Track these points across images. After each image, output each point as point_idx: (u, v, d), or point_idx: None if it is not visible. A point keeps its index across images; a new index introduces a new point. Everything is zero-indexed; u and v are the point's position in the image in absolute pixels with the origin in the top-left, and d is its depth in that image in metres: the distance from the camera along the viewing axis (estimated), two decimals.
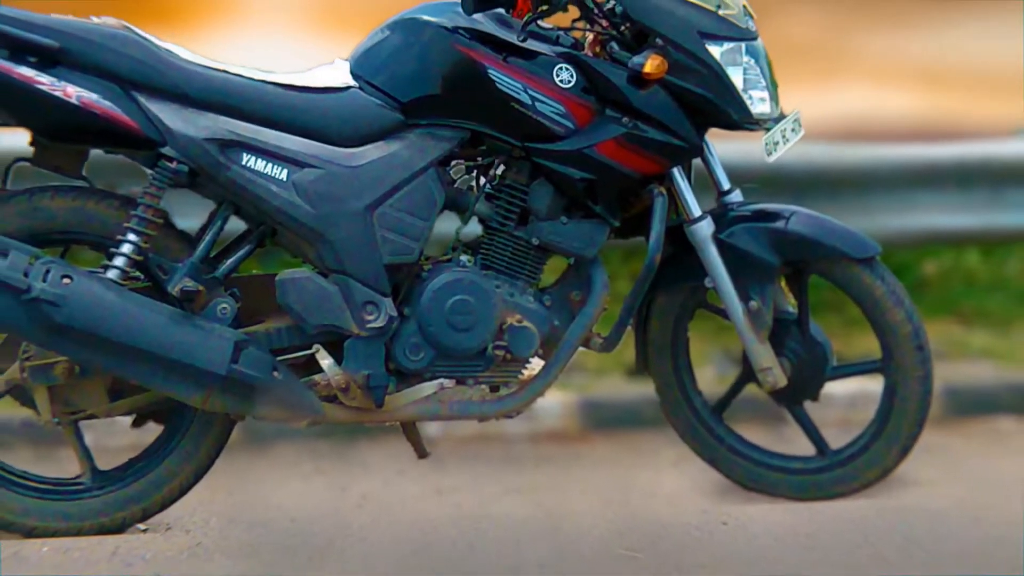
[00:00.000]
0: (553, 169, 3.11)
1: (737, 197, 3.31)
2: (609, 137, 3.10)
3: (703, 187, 3.28)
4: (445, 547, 2.98)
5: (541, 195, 3.14)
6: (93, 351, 2.91)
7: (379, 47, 3.12)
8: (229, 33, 7.96)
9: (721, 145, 3.40)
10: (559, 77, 3.09)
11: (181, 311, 2.98)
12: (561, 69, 3.09)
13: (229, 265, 3.08)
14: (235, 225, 3.15)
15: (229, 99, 3.01)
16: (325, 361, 3.05)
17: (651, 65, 3.05)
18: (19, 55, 2.90)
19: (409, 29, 3.11)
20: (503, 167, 3.18)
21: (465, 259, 3.17)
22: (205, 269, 3.05)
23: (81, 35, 2.94)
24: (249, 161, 3.00)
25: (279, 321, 3.09)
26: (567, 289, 3.21)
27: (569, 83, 3.09)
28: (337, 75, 3.13)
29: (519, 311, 3.14)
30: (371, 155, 3.06)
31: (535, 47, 3.10)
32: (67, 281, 2.88)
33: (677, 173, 3.22)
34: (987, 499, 3.50)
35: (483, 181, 3.20)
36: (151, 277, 3.04)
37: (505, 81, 3.06)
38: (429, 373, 3.12)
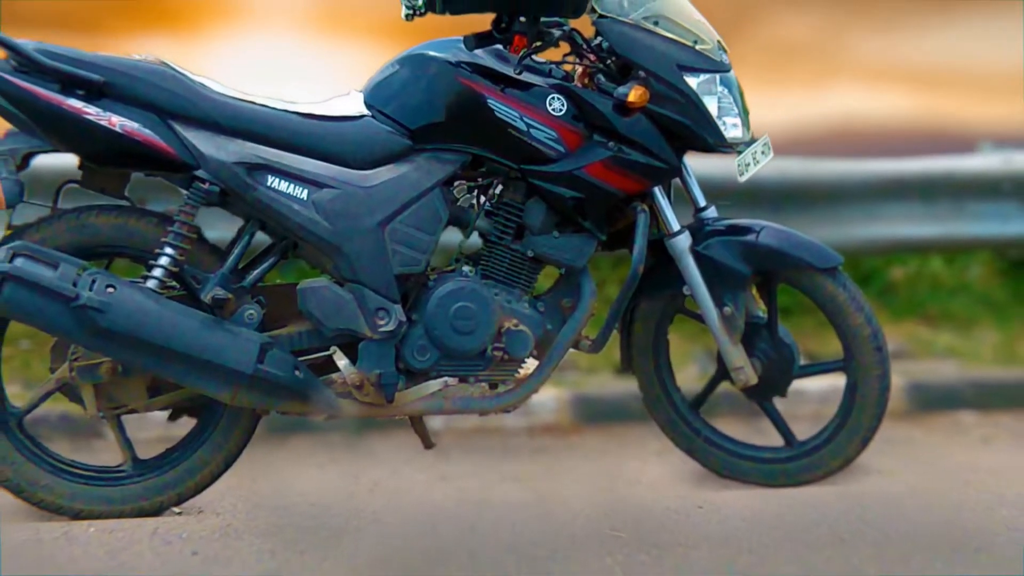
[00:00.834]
0: (546, 189, 3.20)
1: (712, 213, 3.40)
2: (597, 160, 3.19)
3: (681, 203, 3.36)
4: (449, 528, 3.07)
5: (535, 212, 3.24)
6: (134, 352, 3.01)
7: (390, 80, 3.21)
8: (229, 33, 7.89)
9: (708, 163, 3.45)
10: (552, 106, 3.19)
11: (212, 317, 3.08)
12: (553, 99, 3.19)
13: (255, 275, 3.18)
14: (261, 239, 3.24)
15: (255, 127, 3.10)
16: (341, 361, 3.16)
17: (635, 95, 3.15)
18: (69, 89, 3.00)
19: (417, 63, 3.20)
20: (501, 187, 3.27)
21: (467, 269, 3.26)
22: (234, 279, 3.15)
23: (123, 70, 3.04)
24: (273, 182, 3.09)
25: (300, 325, 3.17)
26: (559, 296, 3.29)
27: (561, 111, 3.19)
28: (352, 105, 3.22)
29: (516, 316, 3.24)
30: (383, 176, 3.15)
31: (530, 79, 3.19)
32: (111, 290, 2.97)
33: (658, 192, 3.31)
34: (939, 486, 3.61)
35: (483, 199, 3.29)
36: (186, 286, 3.14)
37: (503, 110, 3.15)
38: (434, 372, 3.20)
